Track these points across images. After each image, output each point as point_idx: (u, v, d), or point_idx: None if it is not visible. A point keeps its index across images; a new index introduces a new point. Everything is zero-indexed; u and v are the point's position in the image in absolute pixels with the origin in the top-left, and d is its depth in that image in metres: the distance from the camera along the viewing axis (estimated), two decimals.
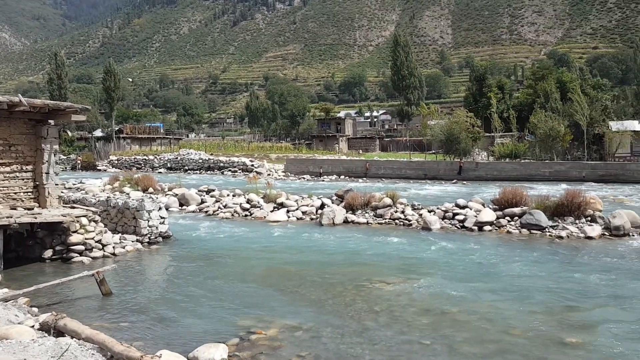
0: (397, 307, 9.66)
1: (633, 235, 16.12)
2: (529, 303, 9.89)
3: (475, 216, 18.17)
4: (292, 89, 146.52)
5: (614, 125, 45.12)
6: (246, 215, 21.32)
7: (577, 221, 17.19)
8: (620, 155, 43.84)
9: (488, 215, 18.04)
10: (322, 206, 20.99)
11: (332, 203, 21.32)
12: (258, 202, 22.10)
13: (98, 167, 58.01)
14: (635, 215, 17.10)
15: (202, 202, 23.93)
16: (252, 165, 52.24)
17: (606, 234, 16.38)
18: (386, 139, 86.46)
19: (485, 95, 67.31)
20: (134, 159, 60.11)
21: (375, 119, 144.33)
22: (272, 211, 21.30)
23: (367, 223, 19.26)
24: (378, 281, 11.43)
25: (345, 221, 19.50)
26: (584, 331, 8.46)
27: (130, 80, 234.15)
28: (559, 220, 17.29)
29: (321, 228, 18.62)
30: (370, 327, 8.62)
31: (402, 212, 19.70)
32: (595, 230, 16.40)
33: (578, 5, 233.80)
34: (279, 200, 21.89)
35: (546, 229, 16.85)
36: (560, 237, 16.19)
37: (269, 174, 46.74)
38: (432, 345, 7.86)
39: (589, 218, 17.31)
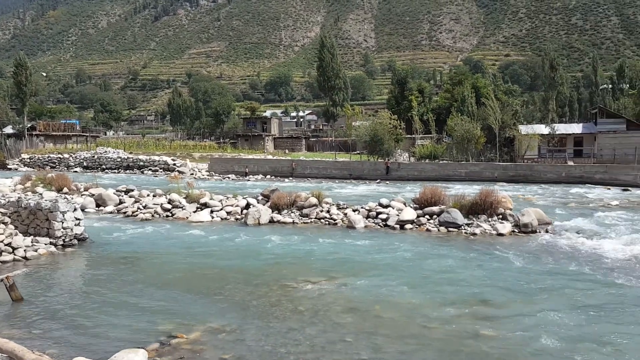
0: (321, 306, 9.79)
1: (540, 232, 17.27)
2: (446, 298, 10.36)
3: (397, 215, 18.75)
4: (216, 87, 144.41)
5: (524, 128, 47.99)
6: (168, 216, 20.79)
7: (489, 219, 18.19)
8: (528, 157, 46.73)
9: (409, 214, 18.67)
10: (248, 206, 20.86)
11: (258, 203, 21.25)
12: (180, 203, 21.58)
13: (8, 166, 54.48)
14: (542, 213, 18.36)
15: (121, 202, 23.01)
16: (174, 164, 50.98)
17: (516, 230, 17.46)
18: (312, 139, 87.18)
19: (406, 99, 69.53)
20: (48, 157, 56.94)
21: (301, 119, 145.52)
22: (195, 211, 20.88)
23: (293, 223, 19.36)
24: (303, 281, 11.53)
25: (271, 221, 19.49)
26: (497, 323, 8.97)
27: (44, 74, 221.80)
28: (474, 218, 18.21)
29: (246, 228, 18.49)
30: (294, 327, 8.69)
31: (328, 211, 19.98)
32: (506, 227, 17.43)
33: (492, 14, 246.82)
34: (202, 201, 21.50)
35: (462, 227, 17.68)
36: (475, 234, 17.06)
37: (192, 174, 45.79)
38: (355, 343, 8.05)
39: (501, 216, 18.36)
